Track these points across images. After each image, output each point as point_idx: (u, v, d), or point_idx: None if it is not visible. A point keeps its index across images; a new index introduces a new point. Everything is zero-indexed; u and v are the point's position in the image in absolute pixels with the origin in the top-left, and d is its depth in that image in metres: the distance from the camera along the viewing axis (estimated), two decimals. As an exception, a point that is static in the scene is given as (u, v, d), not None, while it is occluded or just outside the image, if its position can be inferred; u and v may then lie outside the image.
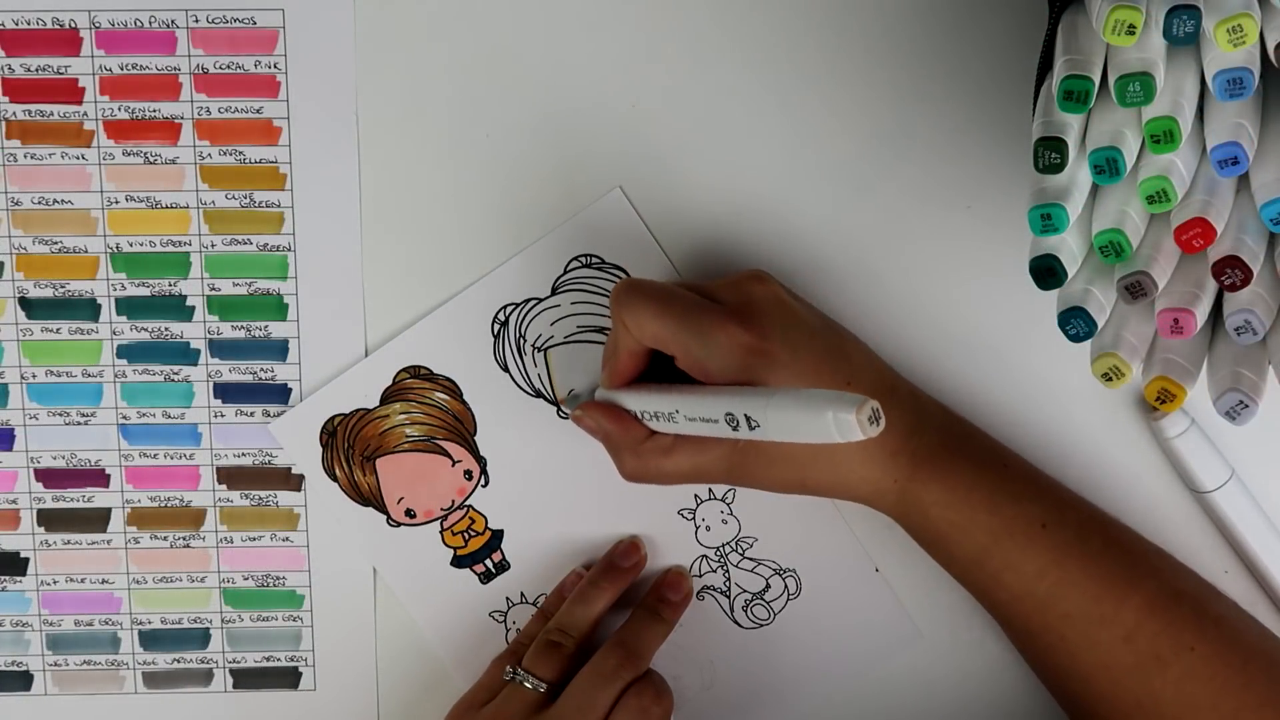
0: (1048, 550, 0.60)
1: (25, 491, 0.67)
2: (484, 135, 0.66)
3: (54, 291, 0.67)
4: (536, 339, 0.66)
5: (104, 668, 0.68)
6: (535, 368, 0.66)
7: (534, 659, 0.63)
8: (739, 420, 0.54)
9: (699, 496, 0.67)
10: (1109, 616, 0.59)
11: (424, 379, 0.66)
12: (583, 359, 0.66)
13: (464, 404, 0.67)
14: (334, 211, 0.66)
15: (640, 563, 0.66)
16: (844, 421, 0.49)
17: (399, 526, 0.67)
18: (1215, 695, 0.58)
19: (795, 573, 0.67)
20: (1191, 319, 0.54)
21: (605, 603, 0.65)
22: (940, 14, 0.65)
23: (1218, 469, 0.65)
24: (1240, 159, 0.51)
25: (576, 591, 0.65)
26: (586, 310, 0.66)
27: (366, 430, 0.67)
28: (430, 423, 0.67)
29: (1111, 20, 0.49)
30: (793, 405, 0.52)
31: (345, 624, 0.68)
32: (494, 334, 0.66)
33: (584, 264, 0.66)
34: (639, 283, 0.60)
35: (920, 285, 0.66)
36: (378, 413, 0.67)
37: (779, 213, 0.66)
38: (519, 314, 0.66)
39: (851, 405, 0.49)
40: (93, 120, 0.65)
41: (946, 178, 0.65)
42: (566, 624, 0.64)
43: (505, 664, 0.64)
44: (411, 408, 0.66)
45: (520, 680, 0.62)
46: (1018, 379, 0.66)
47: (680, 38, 0.65)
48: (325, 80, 0.65)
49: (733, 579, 0.67)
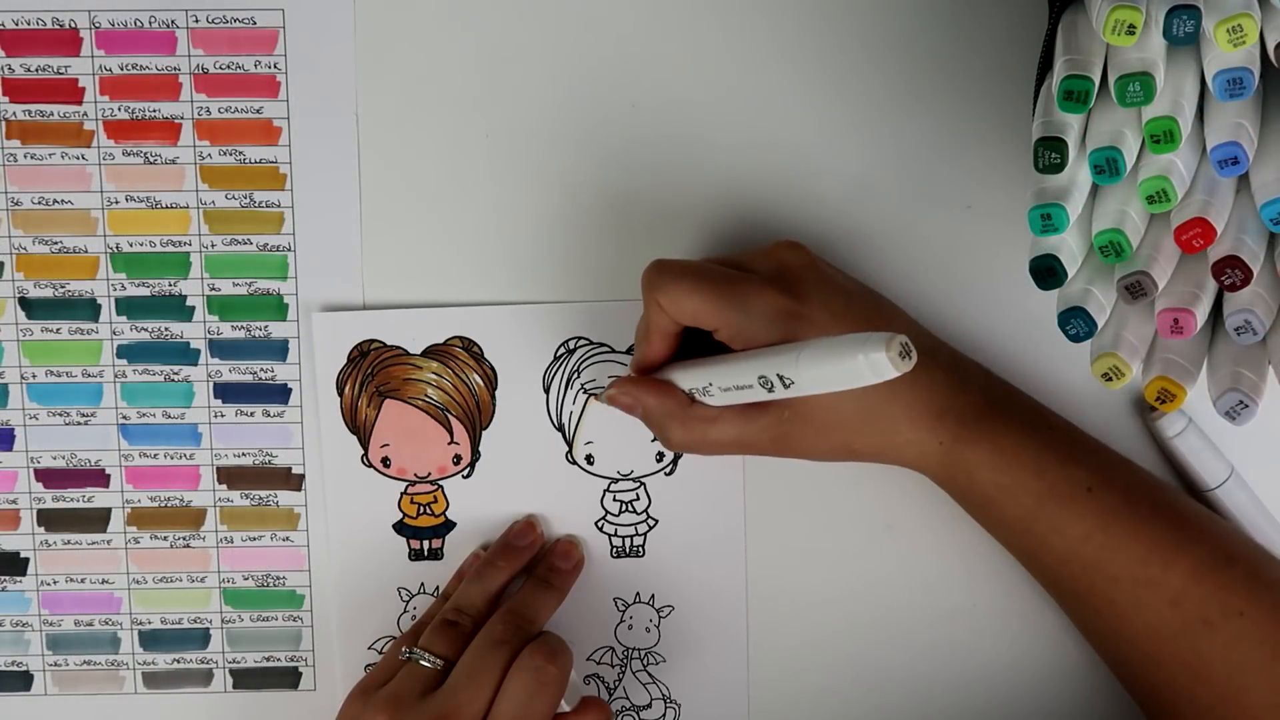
0: (1094, 513, 0.59)
1: (25, 491, 0.67)
2: (484, 135, 0.66)
3: (54, 291, 0.67)
4: (589, 382, 0.66)
5: (104, 668, 0.68)
6: (572, 405, 0.66)
7: (430, 637, 0.62)
8: (772, 381, 0.54)
9: (638, 595, 0.67)
10: (1156, 579, 0.59)
11: (472, 355, 0.66)
12: (618, 423, 0.65)
13: (492, 397, 0.67)
14: (334, 211, 0.66)
15: (536, 541, 0.66)
16: (876, 360, 0.48)
17: (369, 468, 0.67)
18: (1266, 660, 0.58)
19: (680, 708, 0.68)
20: (1191, 319, 0.54)
21: (501, 581, 0.65)
22: (940, 14, 0.65)
23: (1217, 467, 0.65)
24: (1240, 159, 0.51)
25: (473, 571, 0.65)
26: None
27: (395, 369, 0.66)
28: (453, 395, 0.66)
29: (1111, 20, 0.49)
30: (822, 354, 0.51)
31: (345, 624, 0.68)
32: (555, 355, 0.66)
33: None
34: (668, 262, 0.60)
35: (920, 285, 0.66)
36: (414, 360, 0.66)
37: (779, 213, 0.66)
38: (586, 351, 0.66)
39: (880, 343, 0.48)
40: (93, 120, 0.65)
41: (946, 178, 0.65)
42: (463, 603, 0.64)
43: (403, 646, 0.63)
44: (445, 373, 0.66)
45: (416, 659, 0.62)
46: (1018, 379, 0.66)
47: (680, 38, 0.65)
48: (325, 80, 0.65)
49: (623, 683, 0.68)
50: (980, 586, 0.66)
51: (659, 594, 0.67)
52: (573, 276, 0.66)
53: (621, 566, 0.67)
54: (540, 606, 0.64)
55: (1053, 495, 0.60)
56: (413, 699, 0.60)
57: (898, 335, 0.48)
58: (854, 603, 0.68)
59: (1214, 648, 0.58)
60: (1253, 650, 0.58)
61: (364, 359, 0.66)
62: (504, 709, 0.59)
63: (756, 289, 0.59)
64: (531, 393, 0.66)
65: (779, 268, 0.60)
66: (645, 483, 0.67)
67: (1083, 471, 0.60)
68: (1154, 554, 0.59)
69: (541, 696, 0.60)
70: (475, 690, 0.60)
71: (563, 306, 0.66)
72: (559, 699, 0.61)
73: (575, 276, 0.66)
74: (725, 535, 0.67)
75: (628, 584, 0.67)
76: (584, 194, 0.66)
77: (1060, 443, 0.61)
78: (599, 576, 0.67)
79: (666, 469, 0.67)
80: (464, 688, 0.60)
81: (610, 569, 0.67)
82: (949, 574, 0.67)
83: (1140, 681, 0.61)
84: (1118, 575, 0.59)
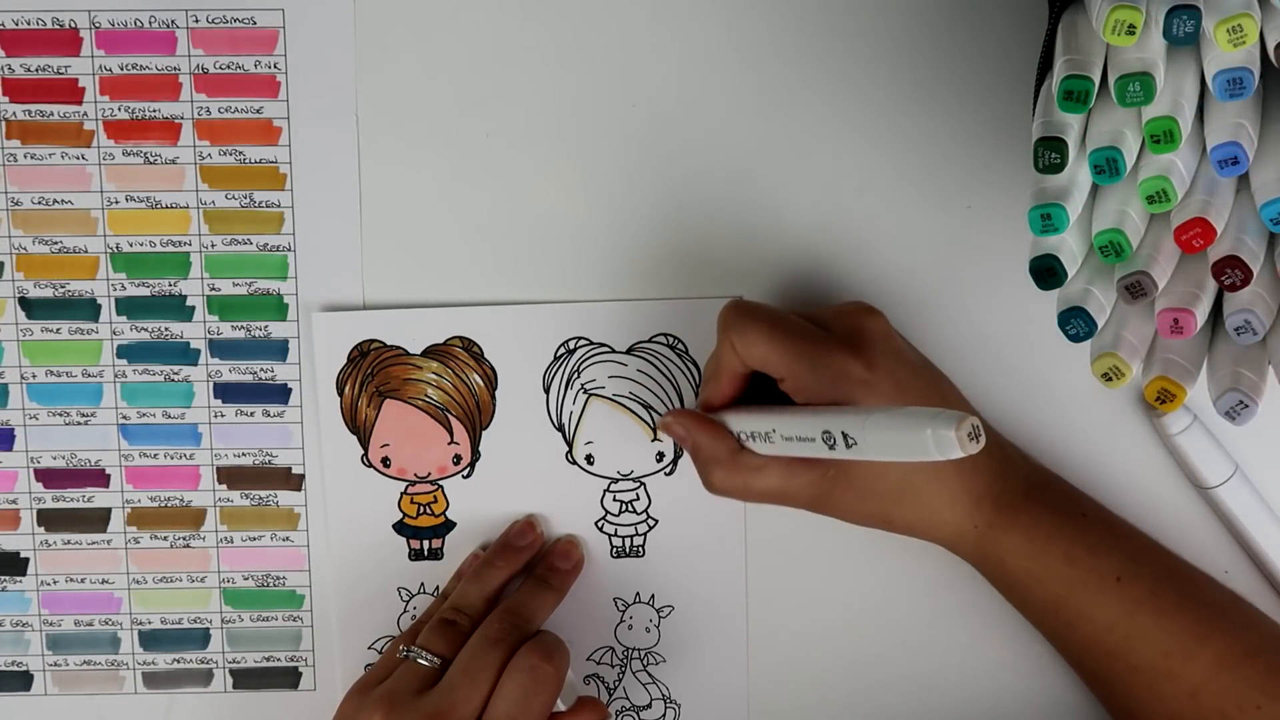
0: (1121, 603, 0.60)
1: (25, 491, 0.67)
2: (484, 135, 0.66)
3: (54, 291, 0.67)
4: (588, 382, 0.66)
5: (104, 668, 0.68)
6: (572, 405, 0.66)
7: (428, 636, 0.63)
8: (836, 438, 0.54)
9: (638, 595, 0.67)
10: (1176, 672, 0.59)
11: (472, 355, 0.66)
12: (617, 423, 0.66)
13: (492, 397, 0.67)
14: (334, 211, 0.66)
15: (535, 541, 0.66)
16: (943, 438, 0.49)
17: (369, 468, 0.67)
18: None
19: (680, 708, 0.68)
20: (1191, 319, 0.54)
21: (500, 581, 0.65)
22: (940, 14, 0.65)
23: (1221, 465, 0.65)
24: (1240, 159, 0.51)
25: (472, 570, 0.65)
26: (645, 382, 0.66)
27: (395, 369, 0.66)
28: (453, 395, 0.66)
29: (1111, 20, 0.49)
30: (891, 422, 0.51)
31: (345, 624, 0.68)
32: (555, 355, 0.66)
33: (667, 343, 0.66)
34: (749, 305, 0.61)
35: (920, 285, 0.66)
36: (414, 360, 0.66)
37: (779, 212, 0.66)
38: (587, 351, 0.66)
39: (952, 421, 0.49)
40: (93, 120, 0.65)
41: (946, 178, 0.65)
42: (461, 603, 0.64)
43: (401, 644, 0.63)
44: (445, 373, 0.66)
45: (414, 657, 0.62)
46: (1018, 379, 0.66)
47: (680, 38, 0.65)
48: (325, 80, 0.65)
49: (623, 683, 0.68)
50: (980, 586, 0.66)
51: (659, 594, 0.67)
52: (572, 276, 0.66)
53: (621, 566, 0.67)
54: (538, 606, 0.64)
55: (1082, 584, 0.60)
56: (409, 696, 0.60)
57: (970, 417, 0.49)
58: (854, 602, 0.68)
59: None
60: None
61: (364, 359, 0.66)
62: (499, 708, 0.59)
63: (830, 349, 0.59)
64: (532, 393, 0.66)
65: (855, 330, 0.60)
66: (645, 483, 0.67)
67: (1113, 560, 0.61)
68: (1176, 646, 0.59)
69: (537, 695, 0.60)
70: (471, 688, 0.60)
71: (563, 306, 0.66)
72: (555, 698, 0.61)
73: (575, 276, 0.66)
74: (725, 535, 0.67)
75: (628, 584, 0.67)
76: (584, 194, 0.66)
77: (1092, 530, 0.62)
78: (599, 576, 0.67)
79: (666, 469, 0.67)
80: (459, 685, 0.60)
81: (610, 569, 0.67)
82: (949, 573, 0.67)
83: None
84: (1139, 665, 0.60)
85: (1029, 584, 0.61)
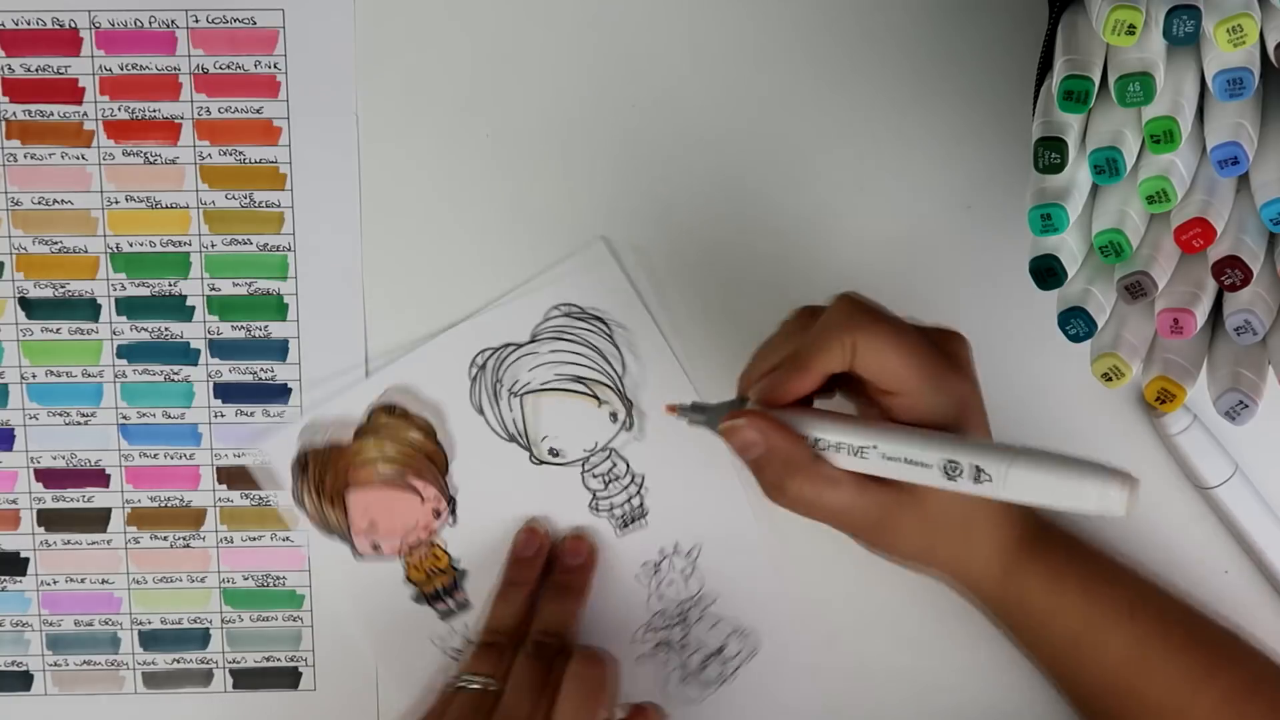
0: (1133, 638, 0.60)
1: (25, 491, 0.67)
2: (484, 135, 0.66)
3: (54, 291, 0.67)
4: (514, 384, 0.66)
5: (104, 668, 0.68)
6: (511, 413, 0.67)
7: (472, 661, 0.63)
8: (963, 468, 0.52)
9: (663, 551, 0.67)
10: (1183, 708, 0.60)
11: (398, 417, 0.67)
12: (560, 406, 0.66)
13: (437, 444, 0.67)
14: (334, 211, 0.66)
15: (543, 545, 0.66)
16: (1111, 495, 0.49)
17: (363, 560, 0.67)
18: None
19: (754, 634, 0.68)
20: (1191, 319, 0.54)
21: (525, 596, 0.65)
22: (940, 14, 0.65)
23: (1221, 465, 0.65)
24: (1240, 159, 0.51)
25: (496, 595, 0.66)
26: (564, 359, 0.66)
27: (338, 465, 0.67)
28: (402, 460, 0.67)
29: (1111, 20, 0.49)
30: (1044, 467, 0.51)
31: (345, 624, 0.68)
32: (471, 377, 0.66)
33: (563, 313, 0.66)
34: (873, 306, 0.56)
35: (920, 285, 0.66)
36: (350, 449, 0.67)
37: (779, 212, 0.66)
38: (496, 359, 0.66)
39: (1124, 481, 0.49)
40: (93, 120, 0.65)
41: (946, 178, 0.65)
42: (494, 624, 0.65)
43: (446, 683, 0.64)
44: (385, 444, 0.67)
45: (465, 684, 0.62)
46: (1018, 379, 0.66)
47: (680, 38, 0.65)
48: (325, 80, 0.65)
49: (691, 636, 0.68)
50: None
51: (681, 540, 0.67)
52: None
53: (632, 537, 0.67)
54: (567, 610, 0.65)
55: (1099, 617, 0.60)
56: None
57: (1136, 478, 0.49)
58: (855, 602, 0.68)
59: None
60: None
61: (305, 471, 0.67)
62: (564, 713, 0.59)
63: (953, 372, 0.56)
64: (470, 421, 0.67)
65: (965, 358, 0.58)
66: (613, 448, 0.67)
67: (1125, 592, 0.61)
68: (1184, 682, 0.60)
69: (594, 700, 0.60)
70: (531, 707, 0.60)
71: (453, 331, 0.66)
72: (611, 702, 0.61)
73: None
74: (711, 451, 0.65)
75: (648, 548, 0.67)
76: (583, 194, 0.66)
77: (1103, 561, 0.62)
78: (616, 555, 0.67)
79: (625, 425, 0.67)
80: (517, 706, 0.60)
81: (624, 545, 0.67)
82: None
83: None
84: (1147, 701, 0.60)
85: (1048, 621, 0.61)
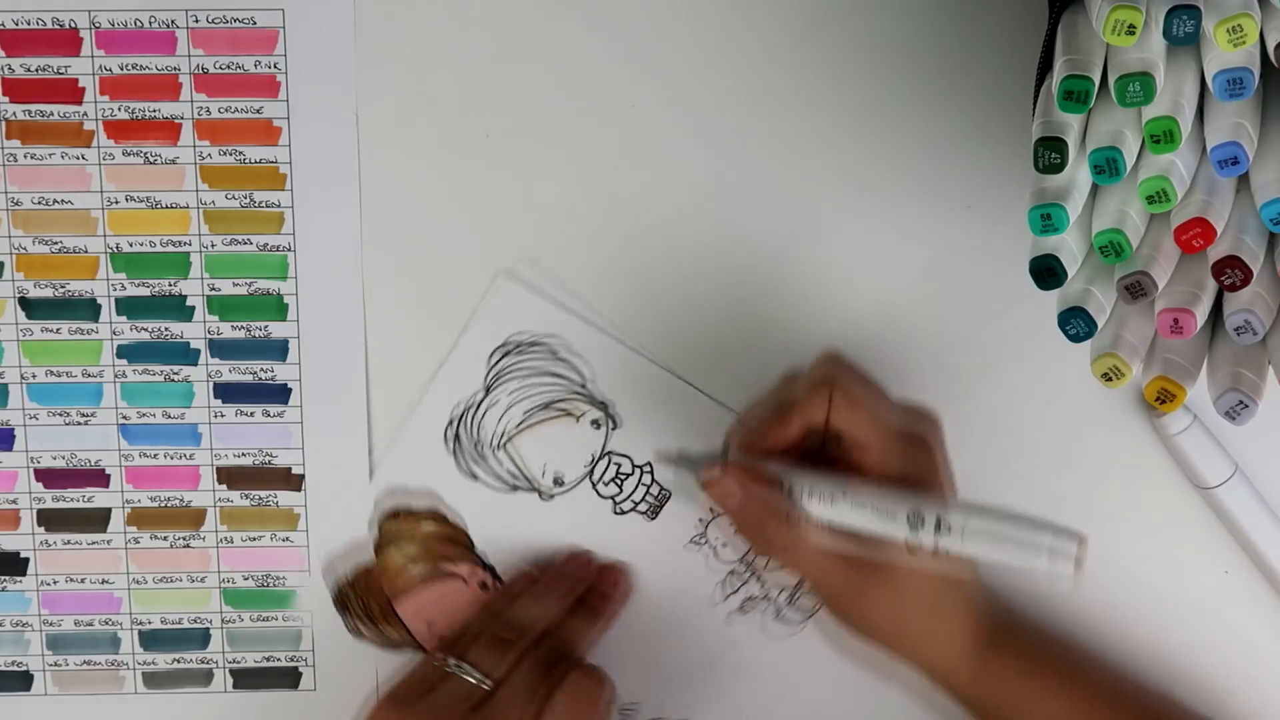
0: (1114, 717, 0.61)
1: (25, 491, 0.67)
2: (484, 135, 0.66)
3: (54, 291, 0.67)
4: (492, 439, 0.67)
5: (104, 668, 0.68)
6: (502, 465, 0.67)
7: (481, 653, 0.60)
8: (926, 519, 0.54)
9: (701, 520, 0.67)
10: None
11: (405, 518, 0.67)
12: (542, 437, 0.67)
13: (451, 525, 0.67)
14: (334, 211, 0.66)
15: (589, 568, 0.66)
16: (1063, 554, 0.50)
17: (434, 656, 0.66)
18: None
19: None
20: (1191, 319, 0.54)
21: (555, 607, 0.64)
22: (940, 14, 0.65)
23: (1221, 465, 0.65)
24: (1240, 159, 0.51)
25: (531, 591, 0.65)
26: (526, 394, 0.67)
27: (374, 584, 0.67)
28: (428, 554, 0.67)
29: (1111, 20, 0.49)
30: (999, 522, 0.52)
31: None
32: (450, 451, 0.67)
33: (503, 353, 0.66)
34: (854, 366, 0.59)
35: (920, 285, 0.66)
36: (377, 565, 0.67)
37: (779, 211, 0.66)
38: (465, 424, 0.67)
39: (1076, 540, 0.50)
40: (93, 120, 0.65)
41: (946, 178, 0.65)
42: (516, 620, 0.62)
43: (442, 655, 0.61)
44: (405, 546, 0.67)
45: (463, 673, 0.60)
46: (1018, 379, 0.66)
47: (680, 38, 0.65)
48: (325, 80, 0.65)
49: (767, 582, 0.67)
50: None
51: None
52: (572, 274, 0.66)
53: (667, 517, 0.67)
54: (587, 631, 0.64)
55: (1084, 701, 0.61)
56: (458, 716, 0.58)
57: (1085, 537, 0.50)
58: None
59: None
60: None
61: (348, 604, 0.68)
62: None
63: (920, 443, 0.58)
64: (470, 490, 0.67)
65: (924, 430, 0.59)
66: (610, 451, 0.67)
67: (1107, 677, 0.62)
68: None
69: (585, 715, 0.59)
70: (520, 711, 0.59)
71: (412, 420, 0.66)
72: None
73: (575, 274, 0.66)
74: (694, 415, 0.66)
75: (685, 522, 0.67)
76: (583, 194, 0.66)
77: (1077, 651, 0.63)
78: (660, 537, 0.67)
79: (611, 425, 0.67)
80: (510, 704, 0.59)
81: (663, 527, 0.67)
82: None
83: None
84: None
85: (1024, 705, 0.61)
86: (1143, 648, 0.67)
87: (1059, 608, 0.67)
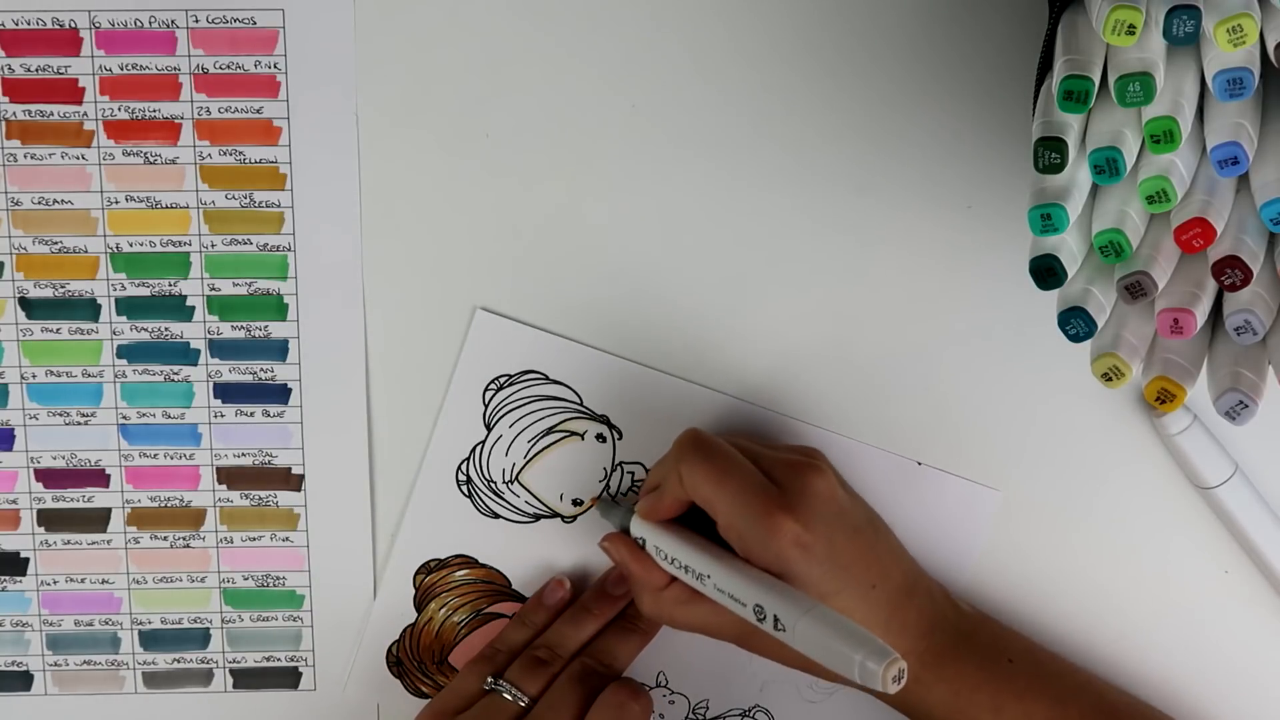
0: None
1: (25, 491, 0.67)
2: (484, 135, 0.66)
3: (54, 291, 0.67)
4: (503, 474, 0.67)
5: (104, 668, 0.68)
6: (518, 498, 0.67)
7: (520, 672, 0.64)
8: (768, 616, 0.56)
9: None
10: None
11: (436, 569, 0.67)
12: (552, 462, 0.67)
13: (483, 566, 0.67)
14: (334, 211, 0.66)
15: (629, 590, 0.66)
16: (869, 669, 0.52)
17: None
18: None
19: None
20: (1191, 319, 0.54)
21: (595, 626, 0.66)
22: (940, 14, 0.65)
23: (1221, 465, 0.65)
24: (1240, 159, 0.51)
25: (569, 612, 0.66)
26: (527, 424, 0.67)
27: (424, 641, 0.68)
28: (468, 600, 0.68)
29: (1111, 20, 0.49)
30: (827, 628, 0.54)
31: (345, 624, 0.68)
32: (465, 494, 0.67)
33: (497, 388, 0.66)
34: (704, 440, 0.61)
35: (920, 285, 0.66)
36: (421, 621, 0.68)
37: (778, 211, 0.66)
38: (474, 465, 0.67)
39: (883, 657, 0.52)
40: (93, 120, 0.65)
41: (946, 178, 0.65)
42: (554, 642, 0.65)
43: (483, 671, 0.64)
44: (444, 598, 0.68)
45: (502, 691, 0.63)
46: (1018, 379, 0.66)
47: (680, 38, 0.65)
48: (325, 80, 0.65)
49: None
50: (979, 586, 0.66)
51: None
52: (572, 273, 0.66)
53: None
54: (625, 648, 0.65)
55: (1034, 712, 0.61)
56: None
57: (899, 661, 0.51)
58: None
59: None
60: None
61: (403, 668, 0.68)
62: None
63: (771, 509, 0.59)
64: (492, 528, 0.67)
65: (801, 489, 0.60)
66: (621, 462, 0.67)
67: (1040, 706, 0.61)
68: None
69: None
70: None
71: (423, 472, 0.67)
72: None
73: (575, 273, 0.66)
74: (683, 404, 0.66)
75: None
76: (583, 194, 0.66)
77: (1018, 677, 0.62)
78: None
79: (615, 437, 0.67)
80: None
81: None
82: (947, 571, 0.67)
83: None
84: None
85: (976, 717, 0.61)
86: (1142, 648, 0.67)
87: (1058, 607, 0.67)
